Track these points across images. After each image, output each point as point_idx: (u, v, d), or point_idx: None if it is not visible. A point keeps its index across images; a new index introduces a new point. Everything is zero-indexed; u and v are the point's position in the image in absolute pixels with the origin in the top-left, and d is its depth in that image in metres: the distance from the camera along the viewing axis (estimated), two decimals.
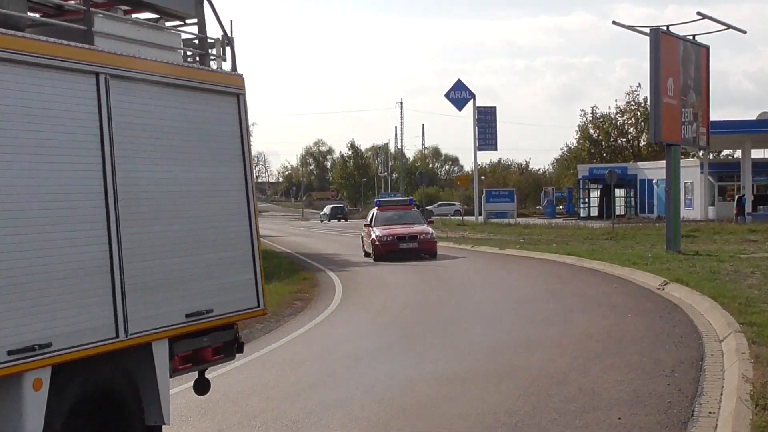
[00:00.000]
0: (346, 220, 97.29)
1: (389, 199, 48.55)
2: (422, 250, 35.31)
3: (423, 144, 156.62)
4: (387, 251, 35.05)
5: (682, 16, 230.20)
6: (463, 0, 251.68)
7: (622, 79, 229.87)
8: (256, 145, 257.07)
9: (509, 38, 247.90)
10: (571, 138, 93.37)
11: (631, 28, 35.65)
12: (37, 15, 7.75)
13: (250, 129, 40.00)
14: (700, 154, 63.07)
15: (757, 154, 67.01)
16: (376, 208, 39.92)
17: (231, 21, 10.72)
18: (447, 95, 73.70)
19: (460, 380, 12.53)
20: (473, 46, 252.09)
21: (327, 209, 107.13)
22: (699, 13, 34.11)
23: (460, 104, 73.31)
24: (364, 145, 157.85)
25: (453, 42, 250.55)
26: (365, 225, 39.37)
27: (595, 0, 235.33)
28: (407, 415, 10.68)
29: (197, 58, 8.93)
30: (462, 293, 23.59)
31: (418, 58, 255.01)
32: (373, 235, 36.14)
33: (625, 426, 9.61)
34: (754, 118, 64.55)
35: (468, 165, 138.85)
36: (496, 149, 77.17)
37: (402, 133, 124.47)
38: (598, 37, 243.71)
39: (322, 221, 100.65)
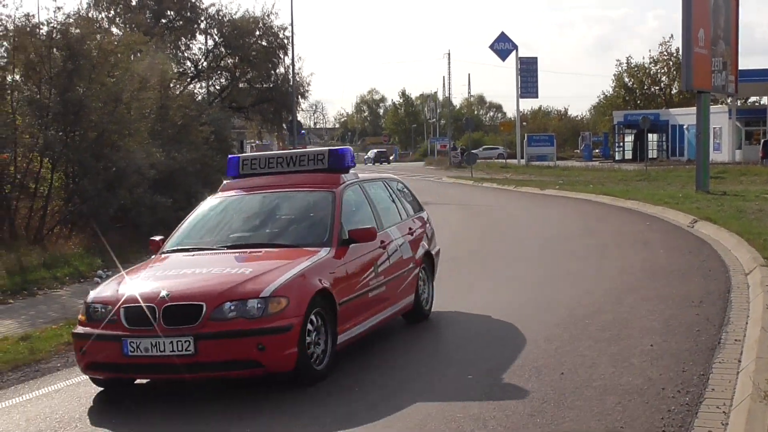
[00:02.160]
0: (389, 163, 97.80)
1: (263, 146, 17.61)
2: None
3: (469, 92, 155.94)
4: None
5: None
6: None
7: (653, 29, 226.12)
8: (315, 94, 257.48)
9: None
10: (607, 86, 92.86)
11: None
12: None
13: (309, 78, 39.26)
14: (729, 100, 62.13)
15: None
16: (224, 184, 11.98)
17: None
18: (491, 46, 73.18)
19: (503, 310, 12.54)
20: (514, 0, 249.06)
21: (371, 153, 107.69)
22: None
23: (503, 55, 72.80)
24: (414, 93, 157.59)
25: None
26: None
27: None
28: (454, 342, 10.73)
29: None
30: (505, 230, 23.54)
31: (464, 11, 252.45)
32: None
33: (657, 352, 9.58)
34: None
35: (511, 112, 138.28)
36: (537, 97, 76.84)
37: (449, 82, 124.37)
38: None
39: (366, 164, 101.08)
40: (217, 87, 45.15)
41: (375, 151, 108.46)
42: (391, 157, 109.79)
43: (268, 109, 46.50)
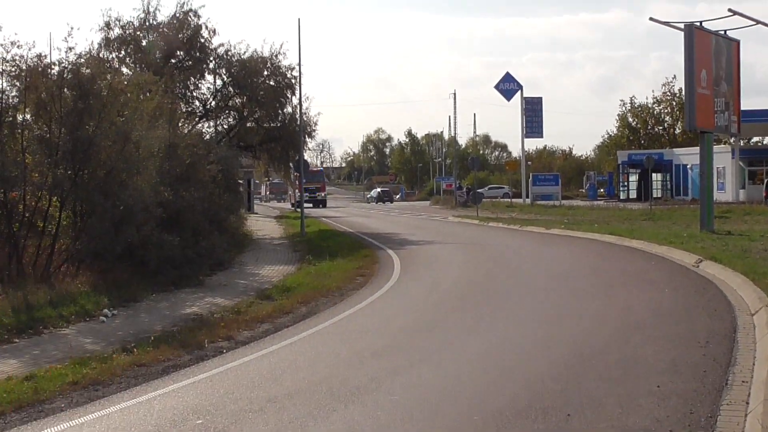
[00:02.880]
0: (392, 203, 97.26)
1: None
2: None
3: (474, 132, 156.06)
4: None
5: (711, 11, 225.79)
6: None
7: (656, 70, 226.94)
8: (322, 133, 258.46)
9: (551, 33, 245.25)
10: (611, 126, 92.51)
11: (667, 23, 34.99)
12: None
13: (317, 118, 38.95)
14: (732, 140, 62.10)
15: None
16: None
17: (299, 19, 10.89)
18: (497, 86, 73.42)
19: (510, 349, 12.43)
20: (518, 41, 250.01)
21: (374, 192, 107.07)
22: (730, 10, 33.44)
23: (508, 95, 73.00)
24: (420, 133, 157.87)
25: (500, 37, 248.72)
26: None
27: None
28: (461, 381, 10.60)
29: None
30: (511, 269, 23.41)
31: (469, 52, 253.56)
32: None
33: (664, 393, 9.45)
34: None
35: (516, 151, 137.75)
36: (542, 136, 76.88)
37: (455, 122, 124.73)
38: (634, 32, 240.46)
39: (369, 203, 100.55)
40: (225, 126, 45.22)
41: (378, 189, 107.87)
42: (396, 196, 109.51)
43: (275, 148, 46.54)
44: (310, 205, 79.17)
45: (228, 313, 16.98)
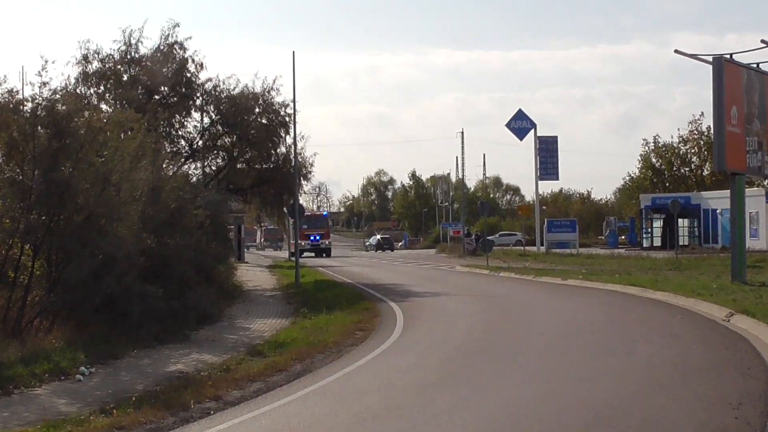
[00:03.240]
0: (392, 251, 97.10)
1: None
2: None
3: (484, 174, 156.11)
4: None
5: (741, 43, 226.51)
6: (520, 30, 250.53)
7: (682, 107, 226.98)
8: (318, 175, 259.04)
9: (567, 67, 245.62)
10: (633, 167, 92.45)
11: (693, 56, 35.16)
12: None
13: (313, 159, 38.59)
14: (766, 183, 62.25)
15: None
16: None
17: (293, 52, 11.03)
18: (508, 125, 73.58)
19: (524, 412, 12.40)
20: (531, 75, 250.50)
21: (373, 240, 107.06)
22: (763, 41, 33.53)
23: (521, 134, 73.16)
24: (425, 175, 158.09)
25: (511, 72, 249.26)
26: None
27: (652, 29, 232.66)
28: None
29: None
30: (524, 323, 23.40)
31: (477, 88, 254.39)
32: None
33: None
34: None
35: (529, 194, 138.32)
36: (557, 179, 76.92)
37: (463, 163, 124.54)
38: (657, 65, 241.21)
39: (368, 250, 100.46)
40: (214, 167, 45.27)
41: (378, 237, 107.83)
42: (399, 244, 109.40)
43: (267, 191, 46.60)
44: (312, 254, 78.01)
45: (216, 371, 16.96)
